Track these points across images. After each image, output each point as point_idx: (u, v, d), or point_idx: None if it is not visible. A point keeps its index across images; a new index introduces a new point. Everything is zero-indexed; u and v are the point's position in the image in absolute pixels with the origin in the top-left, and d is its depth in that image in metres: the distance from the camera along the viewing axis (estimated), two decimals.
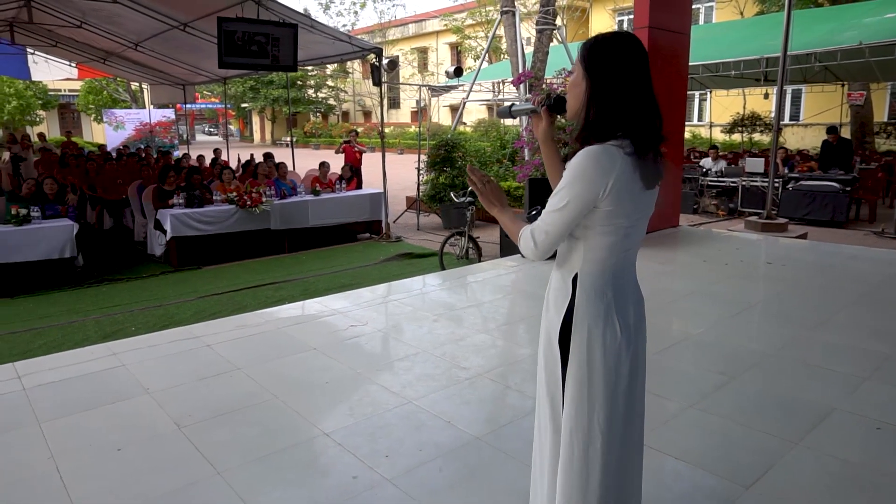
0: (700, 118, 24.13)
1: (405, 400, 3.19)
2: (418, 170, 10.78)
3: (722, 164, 11.41)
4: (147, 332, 4.65)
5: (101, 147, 15.93)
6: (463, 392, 3.29)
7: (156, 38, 10.69)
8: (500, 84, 18.21)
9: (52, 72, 16.78)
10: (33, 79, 19.46)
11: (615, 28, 23.71)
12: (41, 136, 15.98)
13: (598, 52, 1.55)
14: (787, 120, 21.01)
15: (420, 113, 34.33)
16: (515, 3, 11.09)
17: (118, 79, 24.05)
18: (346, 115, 44.91)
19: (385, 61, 9.66)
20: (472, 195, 7.54)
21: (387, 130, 36.48)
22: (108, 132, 24.20)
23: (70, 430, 2.91)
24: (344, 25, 39.86)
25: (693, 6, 22.77)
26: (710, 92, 19.43)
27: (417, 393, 3.27)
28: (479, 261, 6.88)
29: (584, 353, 1.58)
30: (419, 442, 2.78)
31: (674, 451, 2.66)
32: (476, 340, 4.06)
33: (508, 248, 6.91)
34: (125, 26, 10.54)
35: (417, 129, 15.17)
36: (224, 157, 13.86)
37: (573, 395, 1.60)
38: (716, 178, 11.05)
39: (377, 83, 8.68)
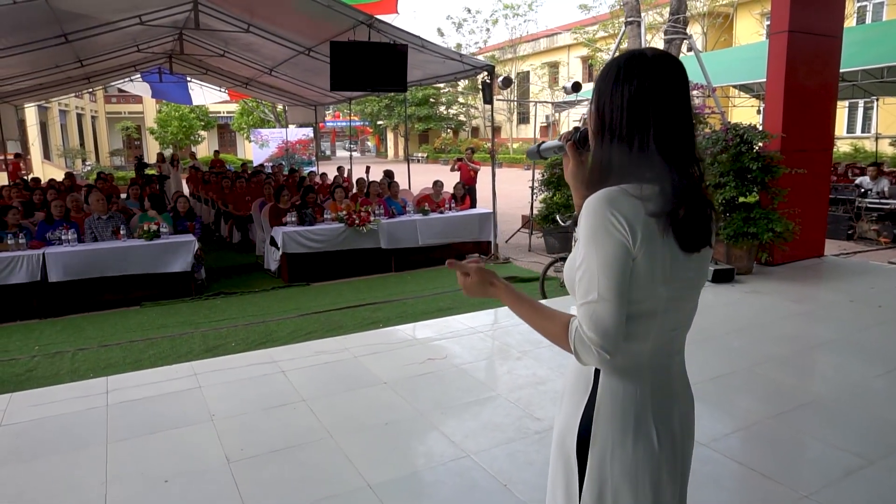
0: (865, 129, 21.38)
1: (463, 453, 2.89)
2: (532, 188, 10.42)
3: (884, 184, 9.87)
4: (244, 350, 4.80)
5: (244, 164, 17.27)
6: (529, 449, 2.93)
7: (286, 63, 11.37)
8: None
9: (206, 96, 18.66)
10: (193, 103, 21.70)
11: (763, 35, 21.73)
12: (192, 154, 17.62)
13: (601, 77, 1.20)
14: None
15: (549, 128, 33.71)
16: (641, 14, 10.42)
17: (264, 101, 26.10)
18: (475, 130, 45.43)
19: (499, 79, 9.46)
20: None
21: (514, 146, 36.36)
22: (254, 150, 26.41)
23: (131, 453, 2.95)
24: (476, 43, 40.47)
25: (858, 4, 20.33)
26: (878, 100, 17.10)
27: (479, 445, 2.96)
28: None
29: (605, 473, 1.18)
30: None
31: None
32: (558, 385, 3.66)
33: None
34: (260, 53, 11.31)
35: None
36: (349, 173, 14.40)
37: None
38: (877, 200, 9.57)
39: (488, 101, 8.50)
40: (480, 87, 8.63)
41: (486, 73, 8.62)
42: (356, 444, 3.01)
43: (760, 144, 6.13)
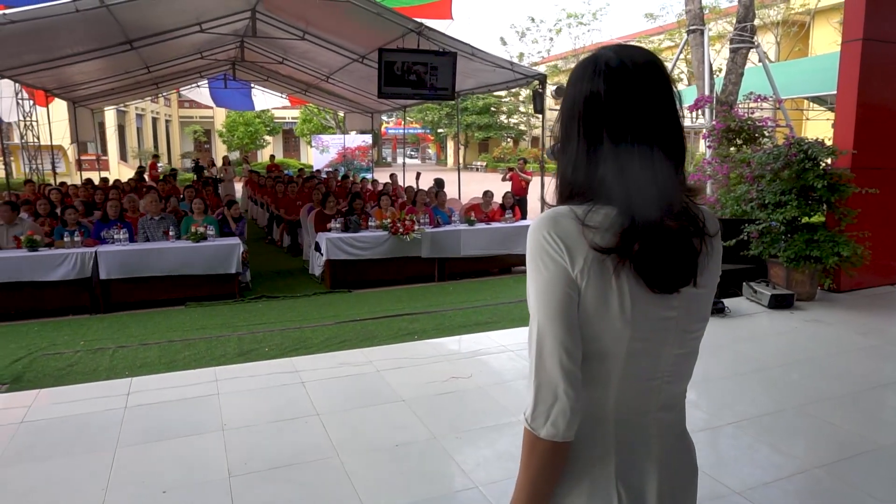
0: None
1: (472, 483, 2.72)
2: None
3: None
4: (277, 356, 4.76)
5: (301, 169, 17.64)
6: None
7: (342, 70, 11.50)
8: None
9: (268, 102, 19.24)
10: (256, 108, 22.38)
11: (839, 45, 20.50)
12: (246, 159, 18.13)
13: (567, 82, 1.03)
14: None
15: None
16: (707, 22, 9.97)
17: (325, 108, 26.67)
18: (535, 140, 45.01)
19: (552, 88, 9.23)
20: None
21: None
22: (315, 155, 26.98)
23: (137, 460, 2.92)
24: (539, 52, 40.10)
25: None
26: None
27: (490, 476, 2.78)
28: None
29: None
30: None
31: None
32: None
33: None
34: (317, 60, 11.50)
35: None
36: (402, 179, 14.45)
37: None
38: None
39: (539, 110, 8.29)
40: (532, 96, 8.43)
41: (537, 82, 8.42)
42: (362, 465, 2.88)
43: (828, 161, 5.67)
